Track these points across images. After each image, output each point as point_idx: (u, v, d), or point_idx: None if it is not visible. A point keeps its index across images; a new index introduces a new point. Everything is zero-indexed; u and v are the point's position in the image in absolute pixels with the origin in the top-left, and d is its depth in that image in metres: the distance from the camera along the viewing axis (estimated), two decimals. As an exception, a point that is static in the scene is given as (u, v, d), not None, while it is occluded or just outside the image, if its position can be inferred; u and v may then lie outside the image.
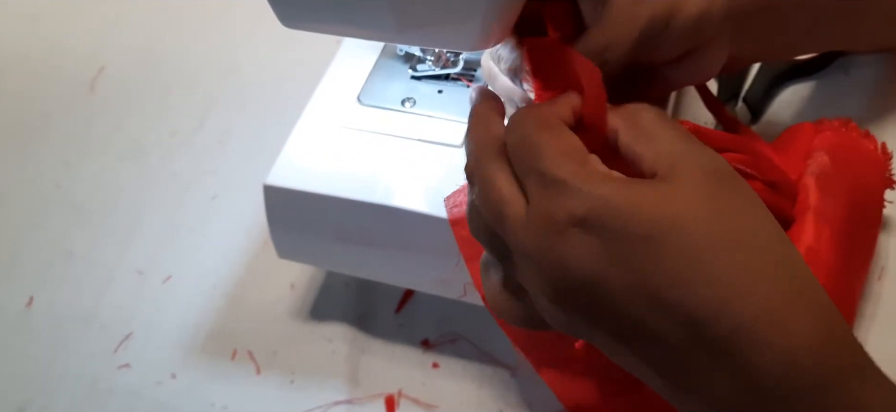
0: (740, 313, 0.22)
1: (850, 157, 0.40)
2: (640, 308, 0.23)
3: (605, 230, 0.23)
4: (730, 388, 0.23)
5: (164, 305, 0.47)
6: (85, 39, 0.65)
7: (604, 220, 0.23)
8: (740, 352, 0.22)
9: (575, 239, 0.23)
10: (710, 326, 0.22)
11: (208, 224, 0.51)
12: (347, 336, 0.43)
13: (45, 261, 0.50)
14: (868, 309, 0.40)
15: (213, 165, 0.54)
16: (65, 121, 0.59)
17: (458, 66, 0.42)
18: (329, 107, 0.42)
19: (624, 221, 0.23)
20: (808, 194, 0.38)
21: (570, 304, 0.25)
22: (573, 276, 0.24)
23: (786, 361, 0.22)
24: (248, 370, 0.43)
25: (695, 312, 0.22)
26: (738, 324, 0.22)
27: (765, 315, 0.22)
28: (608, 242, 0.23)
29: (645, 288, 0.23)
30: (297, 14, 0.33)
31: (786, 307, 0.22)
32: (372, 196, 0.38)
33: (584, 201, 0.23)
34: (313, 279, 0.46)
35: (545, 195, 0.24)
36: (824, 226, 0.36)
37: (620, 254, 0.23)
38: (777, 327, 0.22)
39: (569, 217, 0.23)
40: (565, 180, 0.24)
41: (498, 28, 0.31)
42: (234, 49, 0.62)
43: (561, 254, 0.24)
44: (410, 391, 0.41)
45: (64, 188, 0.54)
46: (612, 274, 0.23)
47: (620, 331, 0.24)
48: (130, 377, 0.43)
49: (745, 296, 0.22)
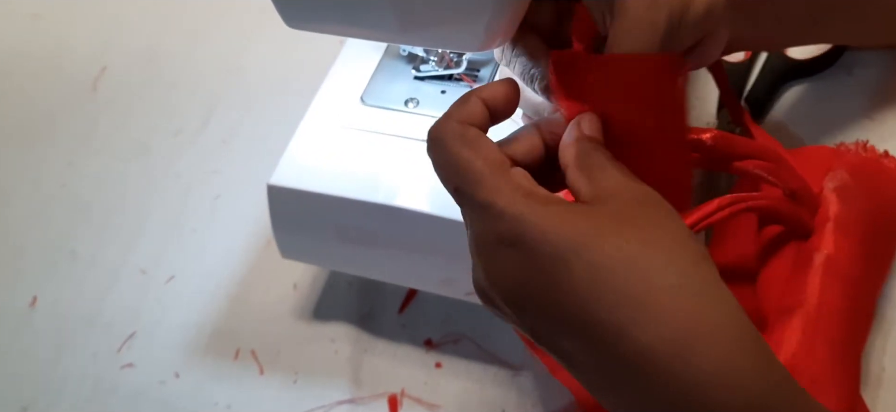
0: (642, 337, 0.22)
1: (870, 175, 0.40)
2: (555, 324, 0.24)
3: (523, 247, 0.24)
4: (645, 408, 0.23)
5: (167, 305, 0.47)
6: (87, 39, 0.65)
7: (522, 239, 0.24)
8: (645, 376, 0.22)
9: (501, 254, 0.25)
10: (617, 347, 0.23)
11: (212, 224, 0.51)
12: (350, 336, 0.44)
13: (48, 261, 0.50)
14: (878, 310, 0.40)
15: (217, 165, 0.54)
16: (68, 120, 0.59)
17: (461, 66, 0.42)
18: (332, 107, 0.42)
19: (537, 239, 0.24)
20: (828, 206, 0.38)
21: (501, 308, 0.26)
22: (505, 287, 0.25)
23: (688, 392, 0.22)
24: (252, 370, 0.43)
25: (603, 332, 0.23)
26: (642, 345, 0.22)
27: (666, 340, 0.22)
28: (526, 260, 0.24)
29: (558, 305, 0.24)
30: (301, 14, 0.33)
31: (689, 330, 0.22)
32: (375, 196, 0.38)
33: (505, 222, 0.25)
34: (316, 279, 0.46)
35: (475, 217, 0.26)
36: (844, 236, 0.36)
37: (535, 271, 0.24)
38: (677, 355, 0.22)
39: (494, 236, 0.25)
40: (490, 203, 0.25)
41: (502, 29, 0.31)
42: (237, 49, 0.62)
43: (491, 267, 0.25)
44: (413, 391, 0.41)
45: (68, 188, 0.54)
46: (531, 289, 0.24)
47: (541, 340, 0.25)
48: (134, 376, 0.44)
49: (646, 320, 0.22)
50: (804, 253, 0.36)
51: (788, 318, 0.34)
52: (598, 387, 0.25)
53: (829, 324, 0.34)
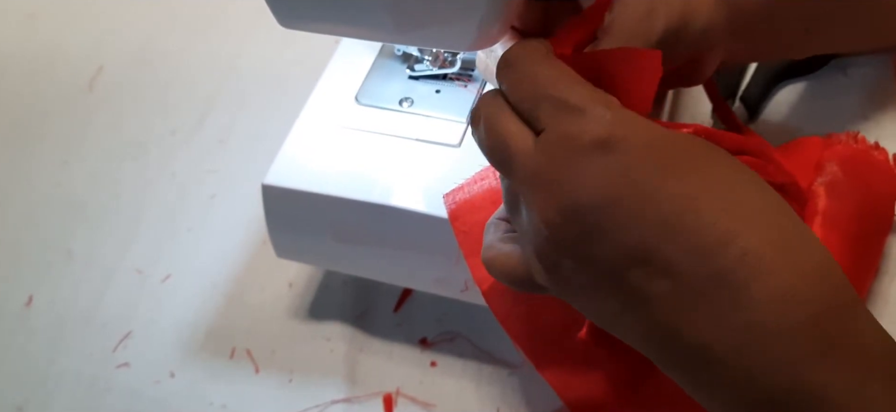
0: (749, 238, 0.23)
1: (860, 168, 0.40)
2: (649, 232, 0.23)
3: (628, 151, 0.24)
4: (726, 328, 0.23)
5: (163, 304, 0.47)
6: (83, 39, 0.65)
7: (628, 142, 0.24)
8: (744, 281, 0.22)
9: (595, 159, 0.24)
10: (720, 253, 0.23)
11: (207, 223, 0.51)
12: (346, 335, 0.44)
13: (44, 261, 0.50)
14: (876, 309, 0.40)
15: (213, 164, 0.54)
16: (64, 120, 0.59)
17: (455, 65, 0.42)
18: (327, 107, 0.42)
19: (645, 145, 0.24)
20: (817, 200, 0.38)
21: (572, 232, 0.24)
22: (587, 197, 0.24)
23: (787, 290, 0.22)
24: (247, 369, 0.43)
25: (706, 238, 0.23)
26: (747, 249, 0.22)
27: (772, 242, 0.23)
28: (630, 163, 0.23)
29: (659, 211, 0.23)
30: (295, 14, 0.33)
31: (787, 237, 0.23)
32: (370, 195, 0.38)
33: (607, 124, 0.24)
34: (312, 278, 0.47)
35: (563, 120, 0.25)
36: (833, 230, 0.36)
37: (640, 176, 0.23)
38: (781, 254, 0.23)
39: (591, 138, 0.24)
40: (582, 105, 0.24)
41: (496, 28, 0.31)
42: (233, 48, 0.62)
43: (578, 174, 0.24)
44: (408, 389, 0.41)
45: (63, 187, 0.54)
46: (628, 195, 0.23)
47: (619, 263, 0.24)
48: (129, 376, 0.44)
49: (754, 223, 0.23)
50: None
51: None
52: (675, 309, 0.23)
53: None
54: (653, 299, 0.24)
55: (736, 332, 0.22)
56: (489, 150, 0.27)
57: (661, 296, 0.23)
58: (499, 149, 0.26)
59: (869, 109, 0.48)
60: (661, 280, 0.23)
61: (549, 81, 0.25)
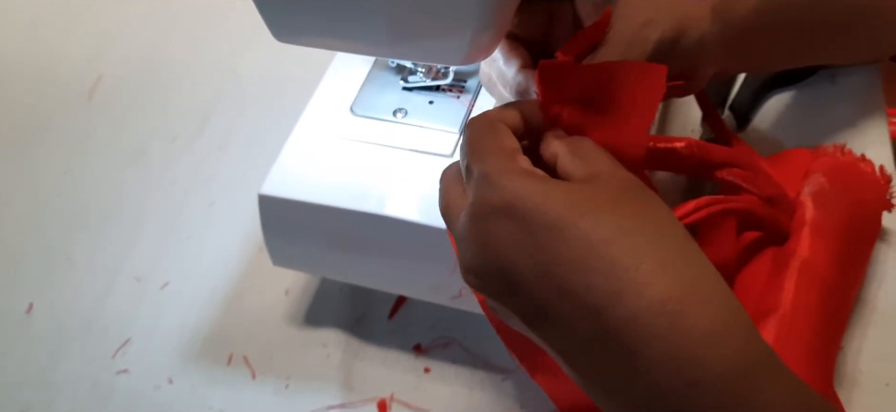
0: (633, 303, 0.23)
1: (847, 178, 0.41)
2: (547, 294, 0.24)
3: (517, 218, 0.25)
4: (630, 382, 0.23)
5: (162, 311, 0.47)
6: (84, 46, 0.66)
7: (517, 209, 0.25)
8: (634, 343, 0.23)
9: (494, 225, 0.26)
10: (607, 315, 0.23)
11: (206, 230, 0.51)
12: (341, 341, 0.44)
13: (45, 268, 0.51)
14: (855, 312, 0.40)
15: (212, 172, 0.55)
16: (65, 127, 0.59)
17: (448, 77, 0.43)
18: (322, 117, 0.43)
19: (533, 210, 0.25)
20: (805, 211, 0.38)
21: (492, 287, 0.27)
22: (492, 258, 0.26)
23: (675, 354, 0.22)
24: (244, 375, 0.44)
25: (593, 300, 0.23)
26: (632, 313, 0.23)
27: (658, 304, 0.23)
28: (520, 230, 0.25)
29: (550, 274, 0.24)
30: (290, 29, 0.34)
31: (679, 298, 0.23)
32: (365, 205, 0.38)
33: (503, 193, 0.26)
34: (308, 285, 0.47)
35: (476, 187, 0.27)
36: (820, 240, 0.37)
37: (529, 241, 0.25)
38: (668, 317, 0.23)
39: (490, 206, 0.26)
40: (490, 174, 0.26)
41: (485, 44, 0.32)
42: (233, 56, 0.63)
43: (483, 237, 0.26)
44: (403, 395, 0.42)
45: (64, 194, 0.55)
46: (523, 258, 0.25)
47: (532, 317, 0.26)
48: (129, 381, 0.44)
49: (638, 286, 0.23)
50: (781, 257, 0.37)
51: (764, 321, 0.35)
52: (584, 362, 0.25)
53: (804, 326, 0.34)
54: (563, 352, 0.25)
55: (636, 389, 0.23)
56: (441, 208, 0.30)
57: (568, 350, 0.25)
58: (445, 209, 0.30)
59: (857, 118, 0.49)
60: (565, 337, 0.25)
61: (478, 150, 0.28)
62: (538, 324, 0.26)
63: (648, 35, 0.31)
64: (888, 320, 0.40)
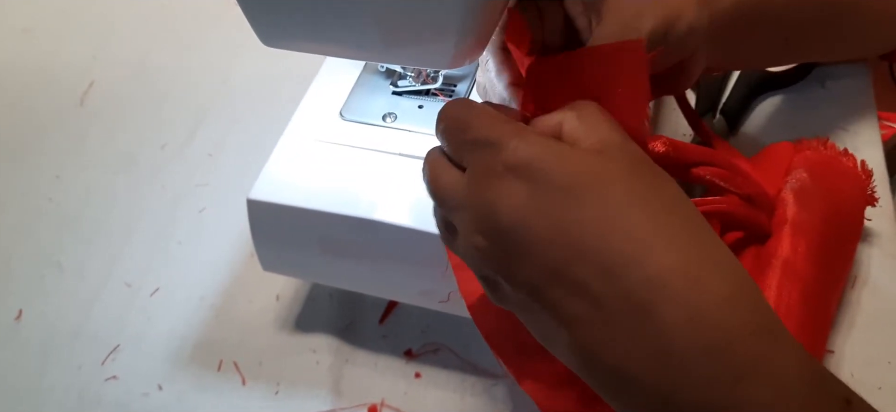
0: (653, 264, 0.23)
1: (828, 174, 0.41)
2: (559, 255, 0.24)
3: (533, 178, 0.25)
4: (639, 350, 0.23)
5: (151, 317, 0.47)
6: (76, 53, 0.66)
7: (532, 168, 0.25)
8: (651, 305, 0.23)
9: (506, 184, 0.25)
10: (625, 276, 0.23)
11: (196, 237, 0.51)
12: (332, 346, 0.44)
13: (34, 274, 0.50)
14: (847, 316, 0.40)
15: (203, 178, 0.55)
16: (56, 134, 0.59)
17: (437, 81, 0.43)
18: (312, 122, 0.43)
19: (550, 171, 0.24)
20: (785, 208, 0.38)
21: (497, 252, 0.26)
22: (502, 219, 0.25)
23: (693, 315, 0.22)
24: (234, 381, 0.44)
25: (612, 260, 0.23)
26: (651, 274, 0.23)
27: (676, 268, 0.23)
28: (535, 189, 0.24)
29: (565, 235, 0.24)
30: (277, 34, 0.34)
31: (695, 264, 0.23)
32: (354, 210, 0.38)
33: (516, 152, 0.25)
34: (298, 291, 0.47)
35: (481, 155, 0.26)
36: (801, 238, 0.37)
37: (545, 201, 0.24)
38: (686, 280, 0.23)
39: (502, 165, 0.25)
40: (498, 138, 0.26)
41: (471, 48, 0.32)
42: (224, 63, 0.63)
43: (493, 197, 0.25)
44: (393, 400, 0.42)
45: (55, 201, 0.55)
46: (537, 219, 0.24)
47: (539, 283, 0.25)
48: (118, 389, 0.44)
49: (657, 249, 0.23)
50: (762, 257, 0.37)
51: None
52: (592, 330, 0.24)
53: (787, 325, 0.34)
54: (573, 318, 0.24)
55: (648, 355, 0.23)
56: (429, 189, 0.29)
57: (579, 315, 0.24)
58: (435, 187, 0.29)
59: (847, 121, 0.49)
60: (577, 300, 0.24)
61: (470, 125, 0.27)
62: (546, 290, 0.25)
63: (639, 27, 0.31)
64: (876, 323, 0.40)
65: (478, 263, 0.27)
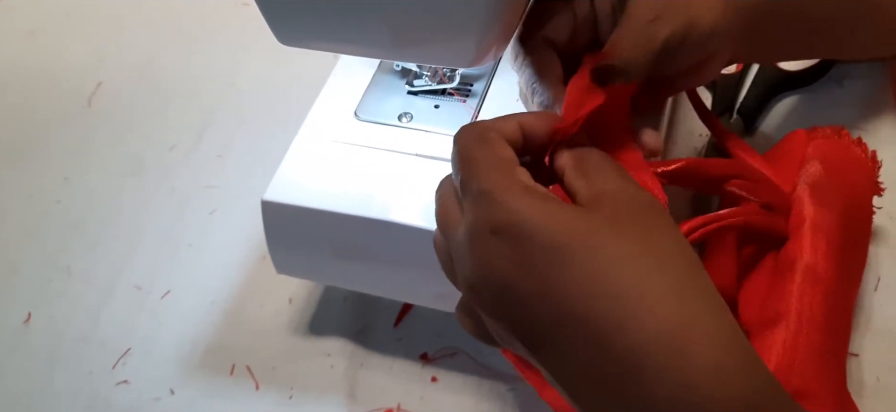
0: (638, 332, 0.22)
1: (841, 164, 0.40)
2: (547, 318, 0.24)
3: (517, 239, 0.24)
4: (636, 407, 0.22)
5: (162, 321, 0.47)
6: (83, 55, 0.65)
7: (517, 230, 0.24)
8: (637, 374, 0.22)
9: (493, 245, 0.25)
10: (612, 343, 0.22)
11: (207, 239, 0.51)
12: (346, 350, 0.44)
13: (43, 278, 0.50)
14: (871, 320, 0.40)
15: (212, 180, 0.54)
16: (63, 136, 0.59)
17: (454, 81, 0.43)
18: (326, 122, 0.42)
19: (534, 232, 0.24)
20: (802, 207, 0.38)
21: (490, 306, 0.26)
22: (491, 280, 0.25)
23: (679, 389, 0.22)
24: (247, 385, 0.43)
25: (597, 326, 0.23)
26: (637, 342, 0.22)
27: (661, 337, 0.22)
28: (520, 251, 0.24)
29: (551, 298, 0.23)
30: (294, 32, 0.33)
31: (682, 330, 0.22)
32: (369, 211, 0.38)
33: (501, 211, 0.25)
34: (311, 293, 0.46)
35: (473, 205, 0.26)
36: (821, 240, 0.36)
37: (529, 263, 0.24)
38: (672, 349, 0.22)
39: (489, 225, 0.25)
40: (489, 191, 0.25)
41: (493, 45, 0.31)
42: (232, 63, 0.62)
43: (482, 258, 0.25)
44: (409, 405, 0.41)
45: (62, 204, 0.54)
46: (523, 281, 0.24)
47: (532, 342, 0.25)
48: (129, 393, 0.43)
49: (643, 314, 0.22)
50: (781, 262, 0.37)
51: (770, 330, 0.34)
52: (583, 391, 0.24)
53: (811, 331, 0.34)
54: (563, 378, 0.24)
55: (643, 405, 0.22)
56: (437, 220, 0.29)
57: (565, 376, 0.24)
58: (441, 225, 0.29)
59: (865, 121, 0.48)
60: (566, 362, 0.24)
61: (472, 165, 0.27)
62: (537, 349, 0.25)
63: (656, 32, 0.31)
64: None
65: (472, 304, 0.27)
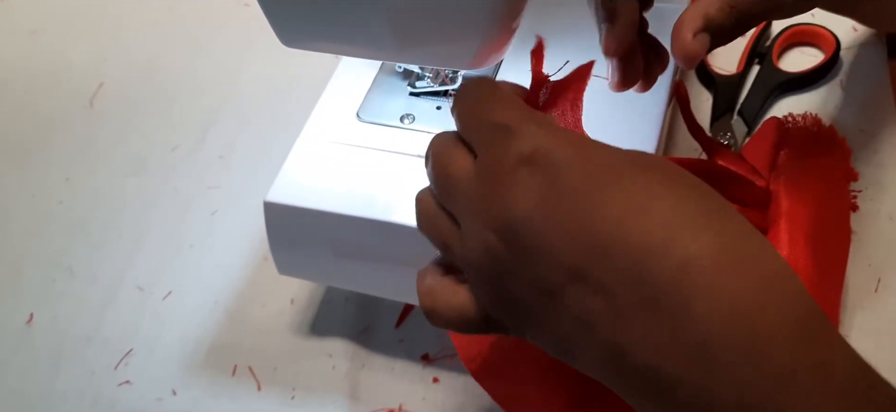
0: (683, 251, 0.21)
1: (813, 153, 0.41)
2: (581, 251, 0.22)
3: (551, 167, 0.23)
4: (671, 347, 0.21)
5: (165, 321, 0.47)
6: (85, 55, 0.65)
7: (550, 158, 0.23)
8: (682, 295, 0.21)
9: (521, 176, 0.23)
10: (653, 267, 0.21)
11: (209, 239, 0.51)
12: (348, 351, 0.44)
13: (45, 278, 0.50)
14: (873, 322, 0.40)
15: (215, 180, 0.54)
16: (65, 136, 0.59)
17: (456, 82, 0.43)
18: (328, 123, 0.42)
19: (568, 161, 0.23)
20: (779, 200, 0.38)
21: (510, 251, 0.24)
22: (517, 214, 0.23)
23: (729, 305, 0.20)
24: (249, 386, 0.43)
25: (638, 252, 0.21)
26: (681, 262, 0.21)
27: (708, 255, 0.21)
28: (552, 182, 0.23)
29: (587, 229, 0.22)
30: (297, 34, 0.33)
31: (730, 249, 0.21)
32: (372, 212, 0.38)
33: (531, 140, 0.23)
34: (313, 294, 0.47)
35: (493, 141, 0.24)
36: (798, 233, 0.37)
37: (563, 194, 0.23)
38: (720, 267, 0.21)
39: (516, 156, 0.23)
40: (511, 124, 0.24)
41: (495, 47, 0.31)
42: (234, 64, 0.62)
43: (506, 191, 0.23)
44: (411, 406, 0.41)
45: (65, 204, 0.54)
46: (555, 214, 0.23)
47: (559, 282, 0.23)
48: (131, 394, 0.44)
49: (687, 235, 0.21)
50: None
51: None
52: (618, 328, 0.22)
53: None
54: (595, 320, 0.22)
55: (683, 351, 0.21)
56: (434, 179, 0.27)
57: (601, 315, 0.22)
58: (442, 176, 0.26)
59: (866, 123, 0.48)
60: (602, 297, 0.22)
61: (486, 107, 0.25)
62: (567, 290, 0.22)
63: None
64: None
65: (487, 266, 0.24)
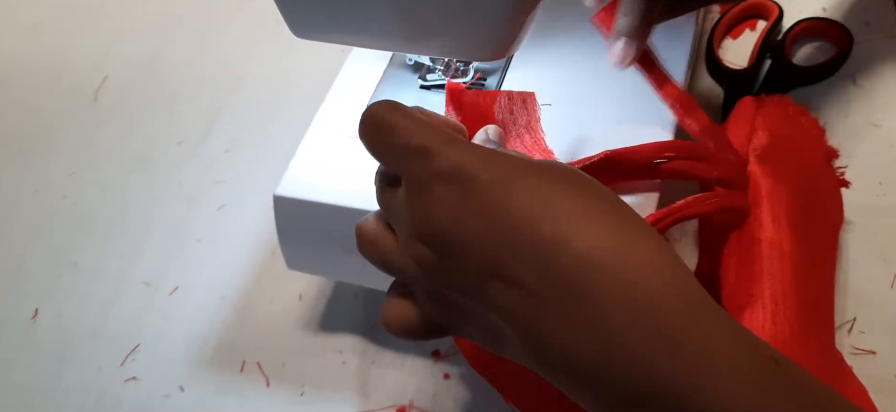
0: (582, 242, 0.24)
1: (788, 133, 0.40)
2: (494, 249, 0.25)
3: (462, 182, 0.26)
4: (580, 332, 0.23)
5: (171, 317, 0.46)
6: (88, 49, 0.65)
7: (462, 174, 0.26)
8: (584, 281, 0.23)
9: (438, 192, 0.26)
10: (556, 258, 0.24)
11: (215, 234, 0.50)
12: (357, 347, 0.43)
13: (50, 273, 0.50)
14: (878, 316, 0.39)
15: (220, 175, 0.54)
16: (69, 131, 0.58)
17: (467, 75, 0.42)
18: (338, 117, 0.42)
19: (478, 170, 0.26)
20: (758, 182, 0.38)
21: (437, 258, 0.26)
22: (437, 224, 0.26)
23: (623, 283, 0.23)
24: (258, 382, 0.43)
25: (542, 246, 0.24)
26: (581, 251, 0.23)
27: (604, 244, 0.24)
28: (465, 191, 0.25)
29: (497, 228, 0.25)
30: (309, 25, 0.33)
31: (622, 236, 0.24)
32: (382, 206, 0.37)
33: (441, 160, 0.26)
34: (322, 290, 0.46)
35: (410, 164, 0.27)
36: (780, 214, 0.37)
37: (475, 200, 0.25)
38: (614, 252, 0.23)
39: (433, 174, 0.26)
40: (425, 146, 0.27)
41: (519, 36, 0.31)
42: (239, 58, 0.62)
43: (427, 207, 0.26)
44: (422, 402, 0.41)
45: (69, 199, 0.54)
46: (470, 219, 0.25)
47: (477, 282, 0.25)
48: (138, 390, 0.43)
49: (585, 228, 0.24)
50: (745, 240, 0.37)
51: (746, 312, 0.34)
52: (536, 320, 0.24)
53: (787, 307, 0.34)
54: (514, 312, 0.25)
55: (590, 336, 0.23)
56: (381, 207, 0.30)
57: (519, 307, 0.25)
58: (382, 206, 0.30)
59: (878, 117, 0.48)
60: (515, 291, 0.25)
61: (401, 132, 0.27)
62: (486, 287, 0.25)
63: None
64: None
65: (421, 274, 0.27)
